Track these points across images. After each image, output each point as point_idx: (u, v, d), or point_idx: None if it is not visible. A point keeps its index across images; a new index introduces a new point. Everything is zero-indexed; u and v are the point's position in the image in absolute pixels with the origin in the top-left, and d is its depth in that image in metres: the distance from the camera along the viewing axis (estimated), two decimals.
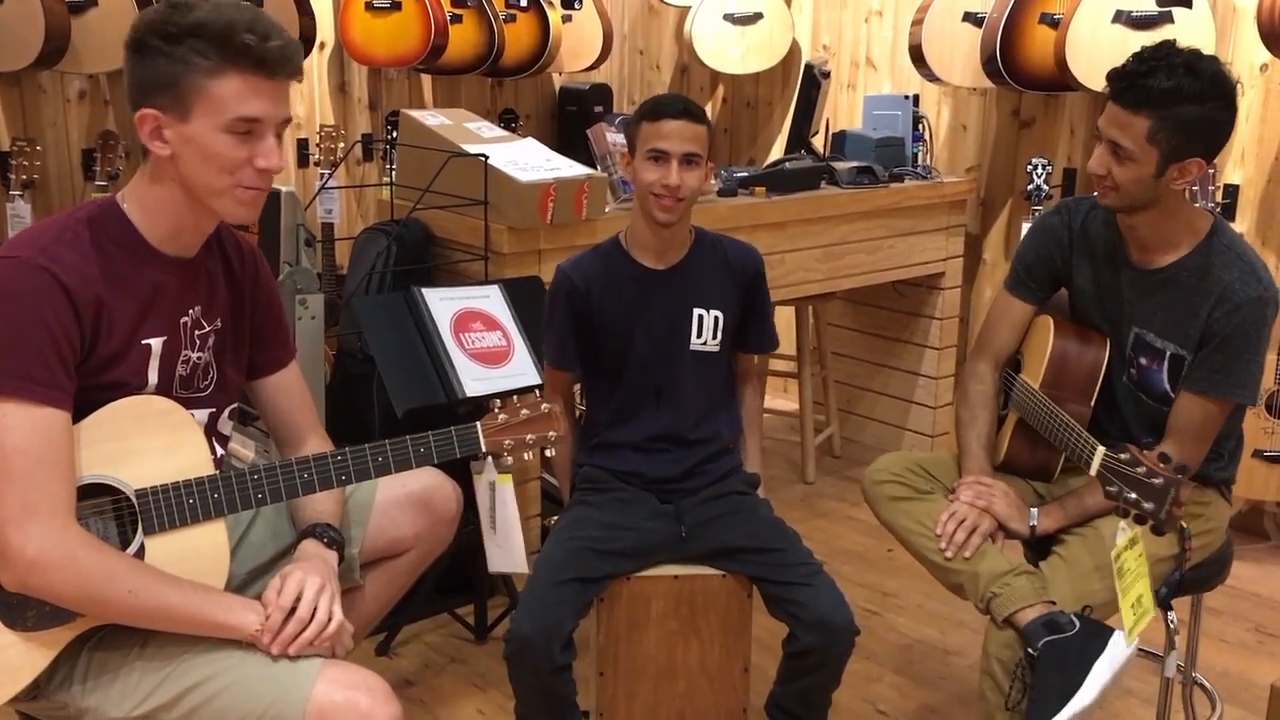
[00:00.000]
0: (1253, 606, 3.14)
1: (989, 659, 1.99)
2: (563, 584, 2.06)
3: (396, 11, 4.04)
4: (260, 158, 1.59)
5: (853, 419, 4.33)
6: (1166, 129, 1.90)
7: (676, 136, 2.10)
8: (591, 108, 4.74)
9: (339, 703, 1.53)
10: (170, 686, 1.56)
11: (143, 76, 1.57)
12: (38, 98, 3.69)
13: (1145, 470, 1.80)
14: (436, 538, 2.00)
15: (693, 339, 2.23)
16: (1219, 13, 3.41)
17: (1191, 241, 2.03)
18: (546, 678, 2.00)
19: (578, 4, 4.55)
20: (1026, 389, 2.15)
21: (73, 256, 1.55)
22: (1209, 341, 2.00)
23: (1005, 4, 3.59)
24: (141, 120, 1.58)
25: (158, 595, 1.54)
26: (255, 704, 1.54)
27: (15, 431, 1.48)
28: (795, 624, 2.08)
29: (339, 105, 4.37)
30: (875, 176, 3.64)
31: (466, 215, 2.88)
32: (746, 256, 2.29)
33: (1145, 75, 1.89)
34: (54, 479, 1.50)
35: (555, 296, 2.26)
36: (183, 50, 1.54)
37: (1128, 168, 1.94)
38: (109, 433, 1.59)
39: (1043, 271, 2.23)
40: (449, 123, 3.09)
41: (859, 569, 3.32)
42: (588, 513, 2.20)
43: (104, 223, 1.61)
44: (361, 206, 4.44)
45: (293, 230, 2.55)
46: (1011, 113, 4.06)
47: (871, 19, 4.44)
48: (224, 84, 1.55)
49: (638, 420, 2.24)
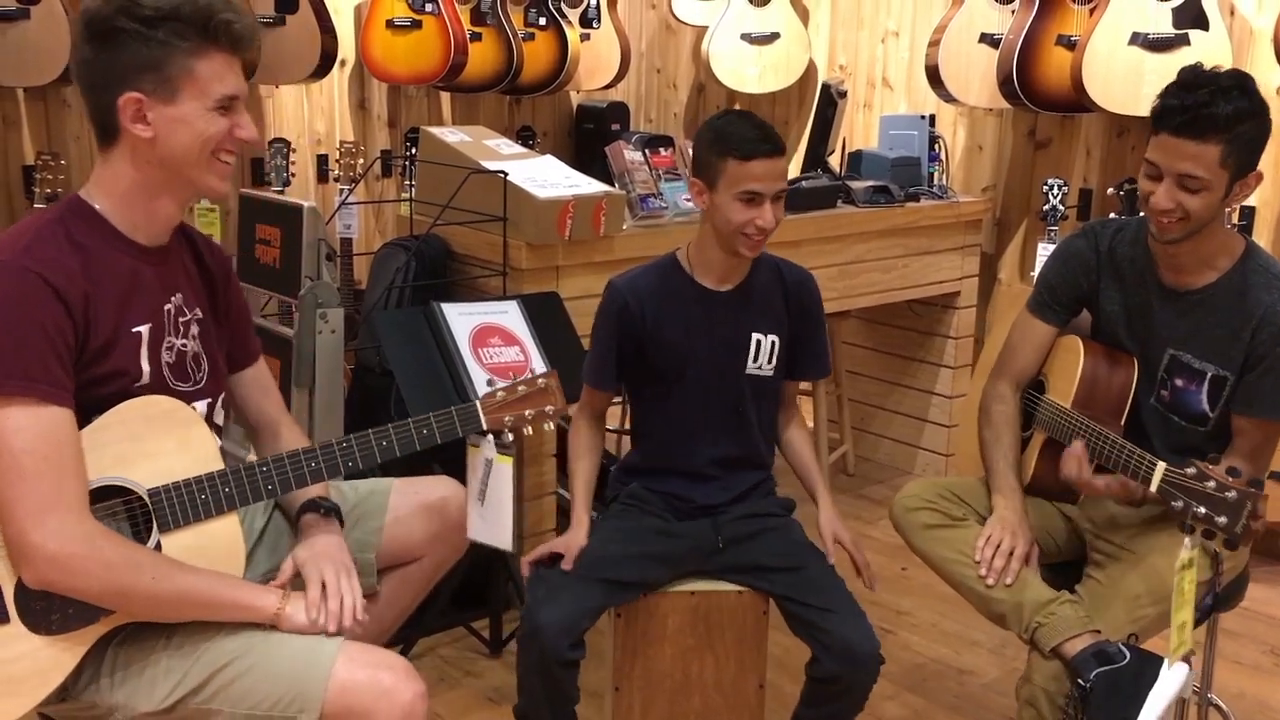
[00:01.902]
0: (1268, 629, 3.12)
1: (1033, 688, 1.97)
2: (592, 582, 2.06)
3: (417, 30, 4.08)
4: (239, 129, 1.65)
5: (867, 437, 4.33)
6: (1235, 150, 1.90)
7: (770, 176, 2.06)
8: (608, 125, 4.77)
9: (361, 680, 1.56)
10: (198, 672, 1.59)
11: (116, 63, 1.59)
12: (62, 112, 3.74)
13: (1216, 485, 1.78)
14: (450, 545, 2.02)
15: (749, 363, 2.21)
16: (1235, 35, 3.42)
17: (1227, 262, 2.03)
18: (553, 669, 1.99)
19: (596, 23, 4.59)
20: (1058, 410, 2.14)
21: (54, 254, 1.58)
22: (1255, 365, 2.00)
23: (1022, 25, 3.61)
24: (124, 105, 1.59)
25: (179, 581, 1.57)
26: (278, 683, 1.57)
27: (22, 432, 1.50)
28: (821, 650, 2.06)
29: (359, 122, 4.41)
30: (891, 196, 3.65)
31: (485, 231, 2.91)
32: (804, 281, 2.26)
33: (1207, 104, 1.89)
34: (66, 475, 1.52)
35: (606, 313, 2.21)
36: (163, 33, 1.57)
37: (1201, 196, 1.93)
38: (118, 435, 1.61)
39: (1067, 294, 2.23)
40: (468, 139, 3.12)
41: None
42: (624, 522, 2.20)
43: (75, 219, 1.63)
44: (380, 222, 4.47)
45: (314, 245, 2.57)
46: (1027, 133, 4.08)
47: (888, 39, 4.46)
48: (207, 64, 1.60)
49: (690, 444, 2.22)
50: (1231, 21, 3.45)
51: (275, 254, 2.67)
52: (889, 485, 4.13)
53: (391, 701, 1.56)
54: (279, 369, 2.65)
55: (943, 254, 3.83)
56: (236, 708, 1.58)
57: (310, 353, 2.44)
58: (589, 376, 2.27)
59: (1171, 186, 1.94)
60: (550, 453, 3.03)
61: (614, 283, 2.22)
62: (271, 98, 4.20)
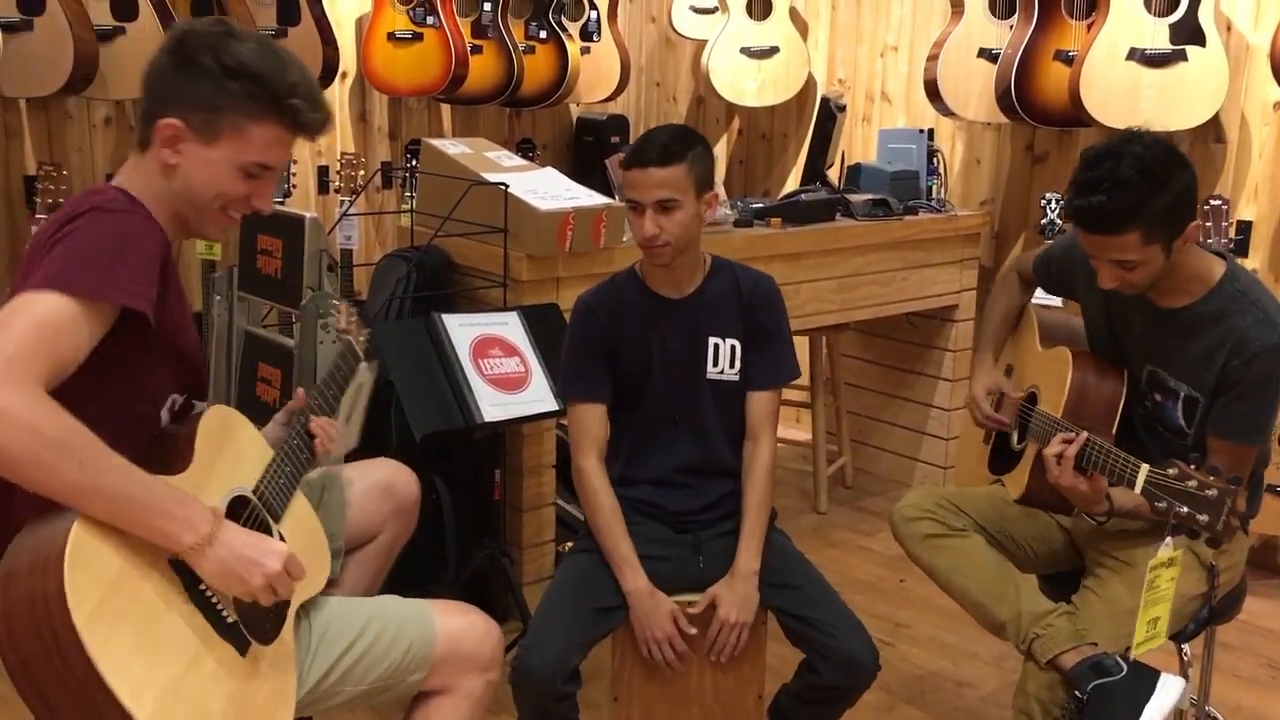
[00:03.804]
0: (1264, 642, 3.13)
1: (1027, 699, 1.99)
2: (576, 616, 2.07)
3: (418, 42, 4.10)
4: (257, 199, 1.67)
5: (865, 450, 4.34)
6: (1156, 226, 1.91)
7: (643, 185, 2.08)
8: (608, 138, 4.79)
9: (463, 624, 1.79)
10: (321, 663, 1.69)
11: (181, 89, 1.60)
12: (64, 123, 3.75)
13: (1197, 484, 1.80)
14: (403, 520, 2.12)
15: (709, 368, 2.23)
16: (1232, 51, 3.45)
17: (1204, 286, 2.04)
18: (550, 705, 2.01)
19: (596, 36, 4.61)
20: (1050, 420, 2.16)
21: (146, 215, 1.61)
22: (1227, 390, 2.01)
23: (1020, 40, 3.63)
24: (163, 127, 1.60)
25: (104, 476, 1.42)
26: (393, 651, 1.72)
27: (52, 313, 1.44)
28: (820, 661, 2.08)
29: (359, 133, 4.42)
30: (890, 209, 3.67)
31: (486, 243, 2.92)
32: (756, 281, 2.26)
33: (1109, 203, 1.89)
34: (49, 354, 1.43)
35: (578, 327, 2.24)
36: (237, 87, 1.59)
37: (1140, 270, 1.96)
38: (212, 453, 1.62)
39: (1059, 272, 2.29)
40: (469, 151, 3.13)
41: (871, 599, 3.32)
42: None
43: (134, 202, 1.64)
44: (380, 233, 4.48)
45: (315, 256, 2.58)
46: (1025, 148, 4.10)
47: (887, 54, 4.48)
48: (261, 131, 1.62)
49: (658, 452, 2.24)
50: (1228, 37, 3.47)
51: (277, 264, 2.68)
52: (887, 498, 4.13)
53: (488, 638, 1.80)
54: (280, 379, 2.66)
55: (941, 267, 3.85)
56: (360, 684, 1.72)
57: (312, 363, 2.45)
58: (576, 391, 2.24)
59: (1110, 269, 1.98)
60: (550, 464, 3.04)
61: (581, 298, 2.26)
62: None
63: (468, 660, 1.77)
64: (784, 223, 3.46)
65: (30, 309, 1.44)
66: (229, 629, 1.52)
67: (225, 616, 1.52)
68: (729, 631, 2.12)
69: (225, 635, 1.51)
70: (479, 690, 1.79)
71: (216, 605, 1.51)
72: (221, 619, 1.51)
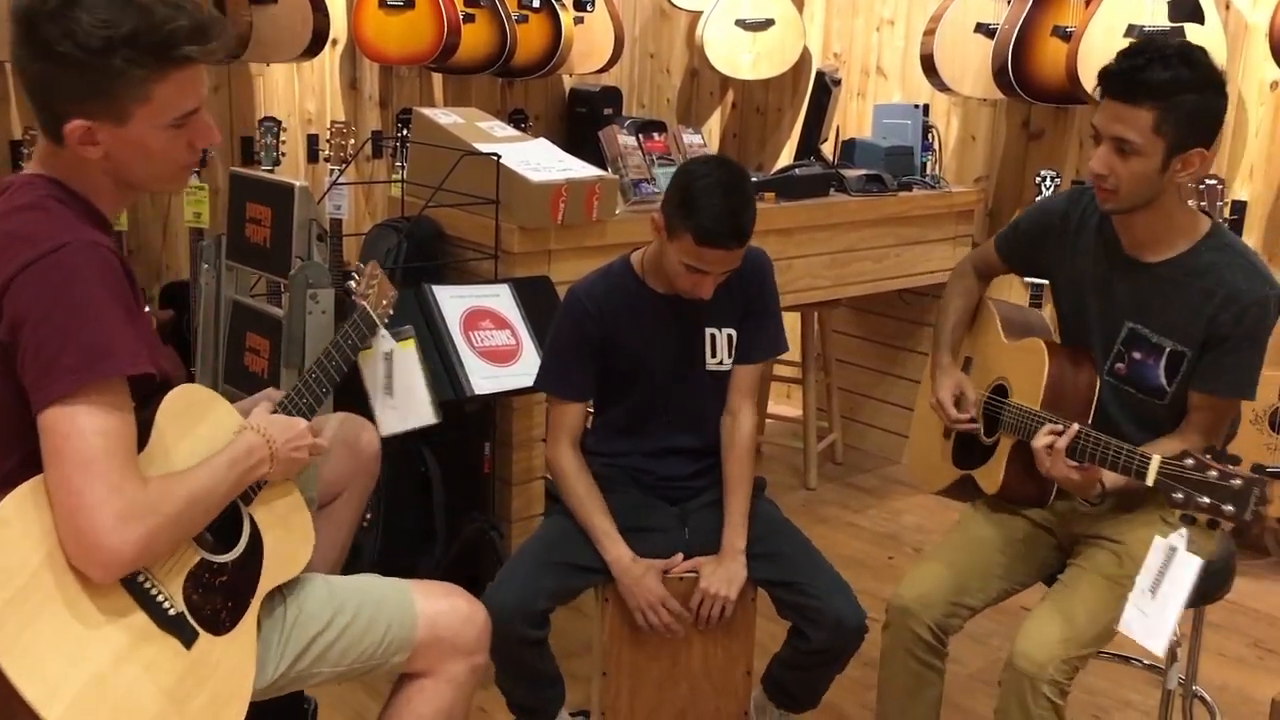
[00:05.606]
0: (1252, 622, 3.14)
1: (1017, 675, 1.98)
2: (548, 565, 2.08)
3: (410, 10, 4.05)
4: (199, 139, 1.54)
5: (855, 426, 4.34)
6: (1170, 119, 1.90)
7: (721, 263, 2.04)
8: (601, 110, 4.75)
9: (444, 607, 1.75)
10: (295, 642, 1.66)
11: (63, 88, 1.45)
12: None
13: (1219, 474, 1.75)
14: (367, 473, 2.11)
15: (708, 359, 2.22)
16: (1230, 29, 3.43)
17: (1189, 240, 2.02)
18: (515, 649, 2.02)
19: (590, 6, 4.57)
20: (1027, 412, 2.12)
21: (92, 229, 1.49)
22: (1218, 343, 2.00)
23: (1017, 16, 3.61)
24: (71, 131, 1.45)
25: (205, 500, 1.50)
26: (372, 632, 1.69)
27: (89, 417, 1.38)
28: (809, 626, 2.09)
29: (350, 102, 4.38)
30: (884, 185, 3.65)
31: (477, 214, 2.89)
32: (752, 260, 2.21)
33: (1142, 69, 1.90)
34: (122, 451, 1.41)
35: (568, 322, 2.20)
36: (116, 63, 1.42)
37: (1133, 162, 1.93)
38: (181, 428, 1.56)
39: (1029, 242, 2.25)
40: (461, 121, 3.10)
41: (860, 576, 3.31)
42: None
43: (70, 201, 1.52)
44: (370, 203, 4.45)
45: (305, 225, 2.55)
46: (1021, 124, 4.08)
47: (883, 28, 4.45)
48: (166, 87, 1.47)
49: (649, 435, 2.23)
50: (1227, 15, 3.45)
51: (265, 233, 2.65)
52: (877, 474, 4.14)
53: (472, 621, 1.76)
54: (268, 349, 2.63)
55: (934, 244, 3.83)
56: (336, 666, 1.68)
57: (301, 334, 2.42)
58: (556, 387, 2.22)
59: (1107, 150, 1.95)
60: (540, 437, 3.02)
61: (574, 290, 2.21)
62: (262, 76, 4.17)
63: (449, 644, 1.74)
64: (777, 197, 3.44)
65: (74, 434, 1.37)
66: (171, 621, 1.46)
67: (167, 609, 1.47)
68: (710, 602, 2.12)
69: (167, 628, 1.46)
70: (463, 675, 1.75)
71: (156, 597, 1.46)
72: (162, 611, 1.46)
